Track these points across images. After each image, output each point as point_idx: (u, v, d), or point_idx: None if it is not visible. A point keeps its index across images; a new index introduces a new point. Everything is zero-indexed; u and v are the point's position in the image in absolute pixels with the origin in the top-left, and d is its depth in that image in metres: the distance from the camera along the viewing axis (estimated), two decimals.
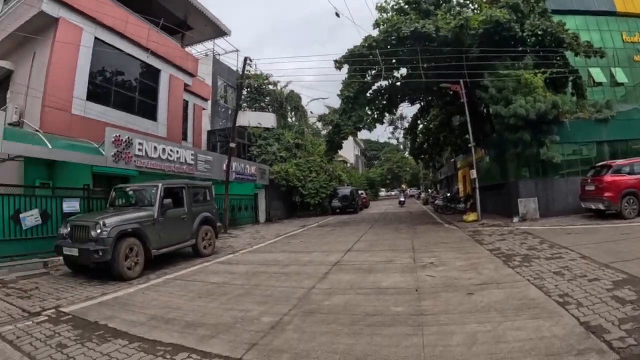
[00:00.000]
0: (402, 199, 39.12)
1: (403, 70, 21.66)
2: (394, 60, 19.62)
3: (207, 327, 5.63)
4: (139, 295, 7.85)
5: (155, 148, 15.47)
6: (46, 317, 6.57)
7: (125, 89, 18.61)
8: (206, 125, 29.23)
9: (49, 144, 11.93)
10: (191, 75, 22.94)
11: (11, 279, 9.48)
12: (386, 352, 4.31)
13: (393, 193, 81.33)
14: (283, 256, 11.72)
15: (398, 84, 22.28)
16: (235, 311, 6.30)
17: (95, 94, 16.67)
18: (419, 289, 6.92)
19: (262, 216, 26.81)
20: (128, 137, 14.16)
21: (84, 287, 8.56)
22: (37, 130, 13.56)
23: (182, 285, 8.51)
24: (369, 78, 20.58)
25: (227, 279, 8.94)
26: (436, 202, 28.64)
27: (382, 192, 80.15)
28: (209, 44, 29.19)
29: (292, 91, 36.23)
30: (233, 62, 35.39)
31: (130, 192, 11.82)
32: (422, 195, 53.00)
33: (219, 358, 4.50)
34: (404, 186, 64.76)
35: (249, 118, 30.28)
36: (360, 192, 39.88)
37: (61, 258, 10.19)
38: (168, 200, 10.64)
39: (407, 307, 5.92)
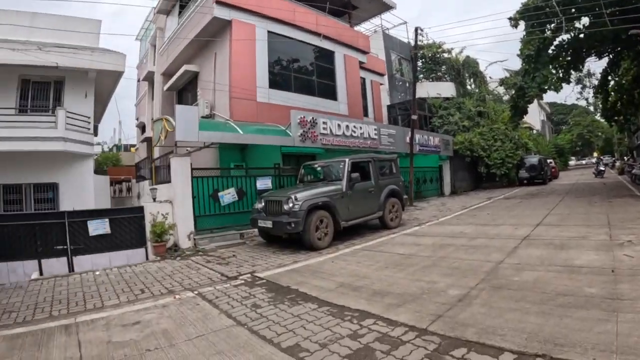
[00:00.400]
0: (601, 168, 33.42)
1: (585, 20, 18.73)
2: (573, 10, 17.01)
3: (393, 296, 5.63)
4: (328, 263, 8.12)
5: (338, 126, 15.90)
6: (242, 281, 7.21)
7: (304, 73, 19.35)
8: (385, 100, 29.01)
9: (240, 131, 12.98)
10: (364, 52, 22.98)
11: (211, 248, 10.76)
12: (576, 337, 3.86)
13: (584, 162, 72.21)
14: (470, 229, 11.09)
15: (581, 35, 19.34)
16: (422, 282, 6.18)
17: (277, 81, 17.67)
18: (615, 269, 5.94)
19: (447, 188, 26.04)
20: (312, 118, 14.77)
21: (277, 256, 9.22)
22: (227, 120, 14.85)
23: (370, 256, 8.57)
24: (548, 33, 18.17)
25: (414, 250, 8.74)
26: (633, 171, 24.50)
27: (572, 161, 71.54)
28: (376, 20, 28.98)
29: (468, 57, 34.19)
30: (403, 35, 34.67)
31: (319, 168, 12.35)
32: (617, 163, 45.94)
33: (405, 327, 4.47)
34: (596, 153, 56.60)
35: (427, 89, 29.56)
36: (549, 161, 36.04)
37: (256, 230, 11.28)
38: (355, 174, 10.89)
39: (601, 289, 5.12)
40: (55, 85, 16.65)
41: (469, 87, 33.83)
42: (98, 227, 10.67)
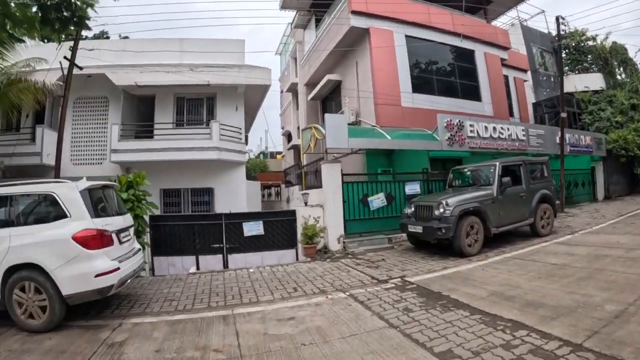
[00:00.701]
0: None
1: None
2: None
3: (547, 308, 5.46)
4: (478, 271, 8.02)
5: (485, 128, 15.31)
6: (393, 285, 7.41)
7: (445, 75, 19.09)
8: (530, 97, 27.37)
9: (387, 136, 13.24)
10: (505, 48, 21.94)
11: (360, 252, 11.04)
12: None
13: None
14: (627, 239, 10.14)
15: None
16: (577, 295, 5.88)
17: (419, 85, 17.59)
18: None
19: (600, 192, 23.63)
20: (459, 121, 14.44)
21: (426, 261, 9.23)
22: (374, 126, 15.20)
23: (521, 265, 8.28)
24: None
25: (567, 260, 8.28)
26: None
27: None
28: (512, 13, 27.44)
29: (614, 43, 30.62)
30: (542, 25, 32.31)
31: (468, 173, 12.12)
32: None
33: (559, 341, 4.34)
34: None
35: (573, 82, 27.23)
36: None
37: (404, 235, 11.34)
38: (506, 179, 10.54)
39: None
40: (207, 100, 18.37)
41: (619, 77, 30.50)
42: (252, 229, 11.68)
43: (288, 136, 30.91)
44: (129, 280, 6.71)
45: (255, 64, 18.19)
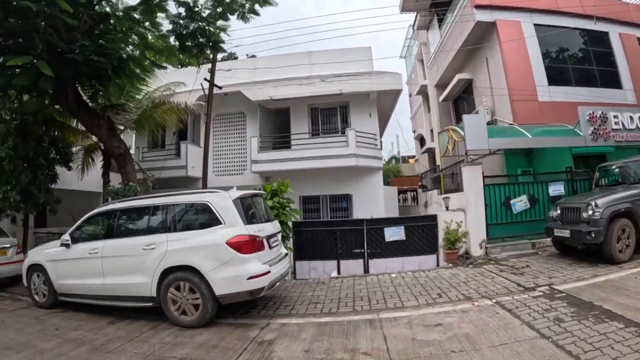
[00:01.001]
0: None
1: None
2: None
3: None
4: (631, 279, 7.51)
5: (631, 118, 13.92)
6: (540, 293, 7.23)
7: (578, 62, 17.86)
8: None
9: (528, 134, 12.81)
10: None
11: (503, 257, 10.79)
12: None
13: None
14: None
15: None
16: None
17: (553, 76, 16.64)
18: None
19: None
20: (602, 112, 13.43)
21: (573, 268, 8.83)
22: (512, 124, 14.75)
23: None
24: None
25: None
26: None
27: None
28: None
29: None
30: None
31: (616, 170, 11.33)
32: None
33: None
34: None
35: None
36: None
37: (548, 239, 10.92)
38: None
39: None
40: (341, 109, 19.25)
41: None
42: (394, 234, 12.08)
43: (421, 140, 30.70)
44: (277, 283, 7.27)
45: (380, 69, 18.63)
